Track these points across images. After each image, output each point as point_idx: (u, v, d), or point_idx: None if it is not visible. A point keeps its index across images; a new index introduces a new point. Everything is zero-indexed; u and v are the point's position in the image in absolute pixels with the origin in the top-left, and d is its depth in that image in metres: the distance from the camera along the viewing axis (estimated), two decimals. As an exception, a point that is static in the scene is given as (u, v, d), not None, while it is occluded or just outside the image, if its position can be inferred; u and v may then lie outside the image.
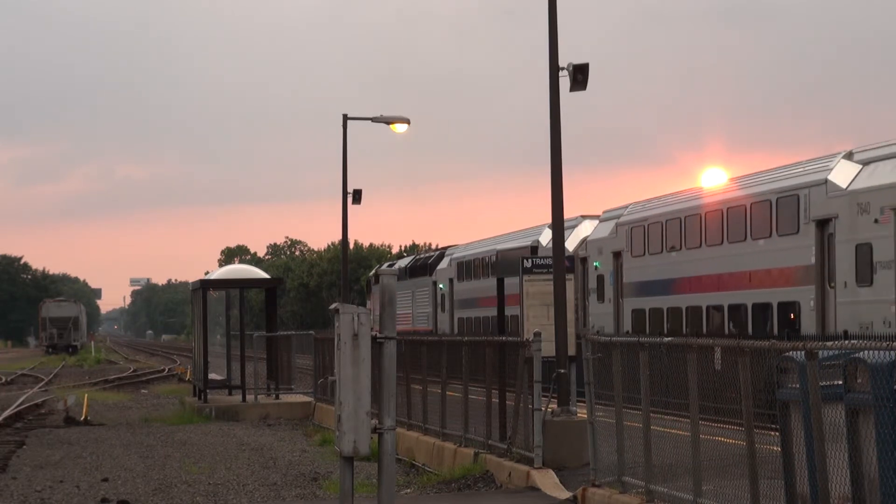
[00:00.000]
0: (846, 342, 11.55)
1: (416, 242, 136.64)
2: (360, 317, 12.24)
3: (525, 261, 23.12)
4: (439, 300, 58.38)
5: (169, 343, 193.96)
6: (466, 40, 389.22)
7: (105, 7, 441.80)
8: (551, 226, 22.23)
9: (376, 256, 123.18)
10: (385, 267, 72.69)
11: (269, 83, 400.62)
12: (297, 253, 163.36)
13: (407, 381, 26.70)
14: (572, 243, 39.03)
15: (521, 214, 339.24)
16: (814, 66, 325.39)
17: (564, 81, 21.43)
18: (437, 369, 24.96)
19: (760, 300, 29.72)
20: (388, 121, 42.64)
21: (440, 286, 58.29)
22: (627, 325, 36.41)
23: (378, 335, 12.26)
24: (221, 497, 21.17)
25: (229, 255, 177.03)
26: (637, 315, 36.28)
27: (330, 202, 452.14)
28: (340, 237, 47.65)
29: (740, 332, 28.57)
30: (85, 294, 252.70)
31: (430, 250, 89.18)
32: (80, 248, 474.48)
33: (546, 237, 41.73)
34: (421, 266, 62.12)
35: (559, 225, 21.88)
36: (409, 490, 21.47)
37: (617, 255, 37.92)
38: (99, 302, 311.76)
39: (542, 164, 22.14)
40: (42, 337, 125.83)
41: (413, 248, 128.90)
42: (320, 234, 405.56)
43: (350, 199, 45.49)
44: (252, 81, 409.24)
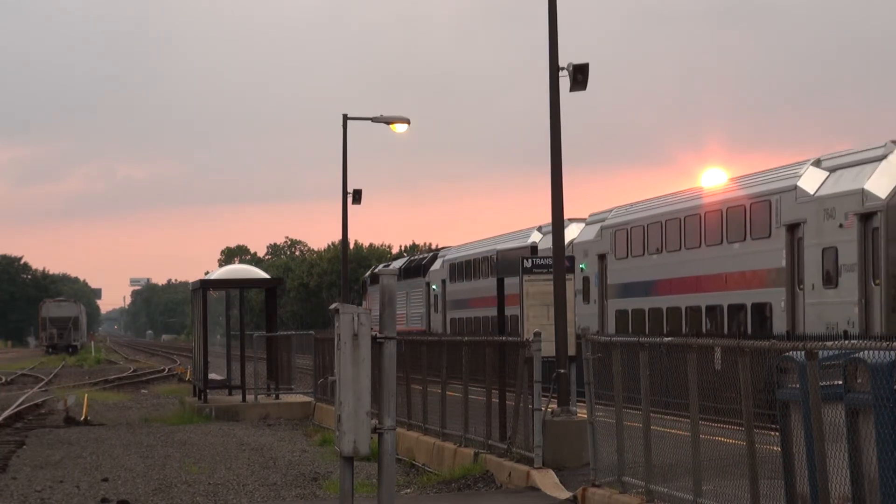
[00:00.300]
0: (846, 342, 11.56)
1: (416, 242, 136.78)
2: (360, 317, 12.24)
3: (525, 261, 23.12)
4: (432, 301, 59.31)
5: (169, 343, 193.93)
6: (466, 40, 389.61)
7: (105, 7, 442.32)
8: (551, 226, 22.22)
9: (376, 256, 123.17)
10: (380, 268, 73.30)
11: (269, 83, 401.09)
12: (297, 253, 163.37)
13: (407, 381, 26.70)
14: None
15: (521, 214, 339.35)
16: (814, 66, 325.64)
17: (564, 81, 21.44)
18: (437, 369, 24.97)
19: (735, 301, 30.75)
20: (388, 121, 42.65)
21: (433, 287, 59.21)
22: (612, 326, 37.06)
23: (378, 335, 12.26)
24: (221, 497, 21.17)
25: (229, 255, 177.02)
26: (620, 316, 37.12)
27: (330, 202, 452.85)
28: (340, 237, 47.69)
29: (717, 332, 29.64)
30: (85, 294, 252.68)
31: (430, 250, 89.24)
32: (80, 248, 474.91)
33: (536, 239, 43.55)
34: (415, 267, 62.76)
35: (559, 225, 21.88)
36: (409, 490, 21.47)
37: (602, 258, 38.80)
38: (99, 302, 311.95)
39: (542, 164, 22.15)
40: (42, 337, 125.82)
41: (413, 249, 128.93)
42: (320, 234, 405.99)
43: (350, 199, 45.50)
44: (252, 81, 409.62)
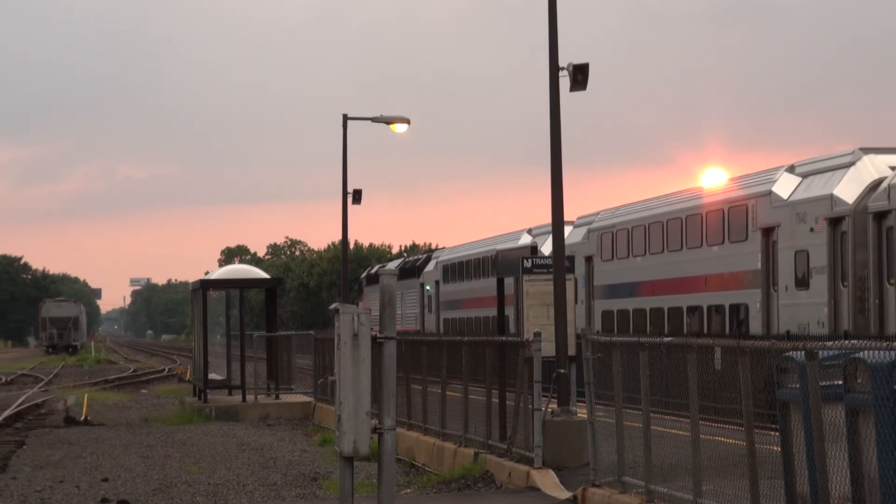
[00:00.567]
0: (846, 342, 11.56)
1: (416, 242, 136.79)
2: (360, 317, 12.25)
3: (525, 261, 23.12)
4: (426, 301, 60.32)
5: (169, 343, 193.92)
6: (466, 40, 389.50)
7: (105, 7, 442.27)
8: (551, 225, 22.21)
9: (376, 256, 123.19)
10: (377, 269, 74.02)
11: (269, 83, 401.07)
12: (297, 253, 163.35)
13: (407, 381, 26.70)
14: (548, 248, 39.88)
15: (521, 214, 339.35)
16: (814, 66, 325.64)
17: (564, 81, 21.43)
18: (437, 369, 24.96)
19: (715, 302, 31.91)
20: (388, 121, 42.66)
21: (427, 288, 60.26)
22: (598, 326, 37.98)
23: (378, 335, 12.26)
24: (221, 497, 21.17)
25: (229, 255, 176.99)
26: (606, 316, 37.99)
27: (330, 202, 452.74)
28: (340, 237, 47.70)
29: (697, 333, 30.38)
30: (85, 294, 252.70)
31: (430, 250, 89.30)
32: (80, 248, 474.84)
33: (526, 241, 44.47)
34: (409, 269, 63.55)
35: (559, 225, 21.88)
36: (409, 490, 21.47)
37: (589, 260, 39.63)
38: (99, 302, 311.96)
39: (542, 164, 22.15)
40: (42, 337, 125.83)
41: (413, 248, 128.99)
42: (320, 234, 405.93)
43: (350, 199, 45.51)
44: (252, 81, 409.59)
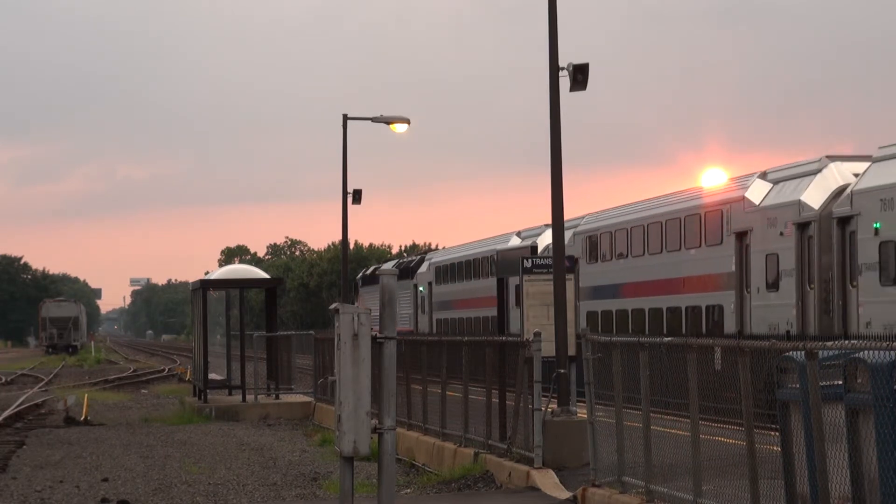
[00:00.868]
0: (846, 342, 11.56)
1: (416, 242, 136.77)
2: (360, 317, 12.24)
3: (525, 261, 23.12)
4: (419, 302, 61.53)
5: (169, 343, 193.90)
6: (466, 40, 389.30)
7: (105, 7, 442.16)
8: (551, 226, 22.22)
9: (376, 256, 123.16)
10: (371, 270, 74.57)
11: (269, 83, 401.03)
12: (297, 253, 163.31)
13: (407, 381, 26.70)
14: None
15: (521, 214, 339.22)
16: (814, 66, 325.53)
17: (564, 81, 21.43)
18: (437, 369, 24.96)
19: (692, 303, 33.14)
20: (388, 121, 42.65)
21: (420, 289, 61.46)
22: (583, 326, 38.54)
23: (378, 335, 12.26)
24: (221, 497, 21.17)
25: (229, 255, 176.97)
26: (591, 317, 39.16)
27: (330, 202, 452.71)
28: (340, 237, 47.70)
29: (676, 333, 31.24)
30: (85, 294, 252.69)
31: (430, 250, 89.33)
32: (80, 248, 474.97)
33: (514, 244, 46.61)
34: (403, 270, 64.89)
35: (559, 225, 21.87)
36: (409, 490, 21.47)
37: (575, 262, 39.80)
38: (99, 302, 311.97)
39: (542, 164, 22.14)
40: (42, 337, 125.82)
41: (413, 249, 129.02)
42: (320, 234, 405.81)
43: (350, 199, 45.51)
44: (252, 81, 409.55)
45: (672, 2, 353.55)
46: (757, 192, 30.09)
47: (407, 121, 42.93)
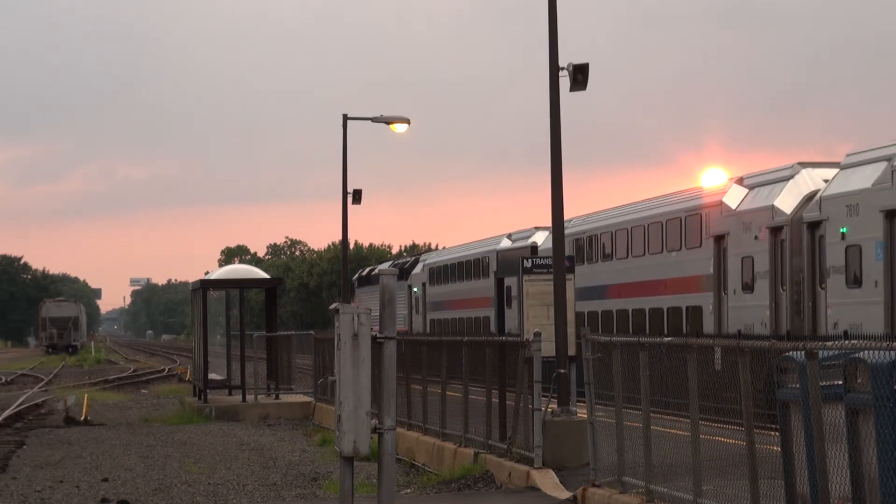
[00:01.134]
0: (846, 342, 11.55)
1: (416, 242, 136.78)
2: (360, 317, 12.24)
3: (525, 261, 23.12)
4: (413, 303, 62.34)
5: (169, 343, 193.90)
6: (466, 40, 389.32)
7: (105, 7, 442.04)
8: (551, 226, 22.23)
9: (376, 256, 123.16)
10: (367, 271, 75.38)
11: (269, 83, 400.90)
12: (297, 253, 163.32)
13: (407, 381, 26.70)
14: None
15: (521, 214, 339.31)
16: (813, 66, 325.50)
17: (564, 81, 21.43)
18: (437, 369, 24.96)
19: (673, 304, 34.00)
20: (388, 121, 42.66)
21: (414, 290, 62.30)
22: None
23: (378, 335, 12.26)
24: (221, 497, 21.17)
25: (229, 255, 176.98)
26: (578, 317, 39.70)
27: (330, 202, 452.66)
28: (340, 237, 47.72)
29: (658, 333, 31.78)
30: (85, 294, 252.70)
31: (430, 250, 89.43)
32: (80, 248, 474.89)
33: (504, 245, 48.55)
34: (398, 271, 64.56)
35: (559, 225, 21.88)
36: (409, 490, 21.47)
37: None
38: (99, 302, 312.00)
39: (542, 164, 22.14)
40: (42, 337, 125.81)
41: (413, 249, 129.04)
42: (320, 234, 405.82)
43: (350, 199, 45.52)
44: (252, 81, 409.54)
45: (672, 2, 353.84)
46: (734, 197, 31.00)
47: (407, 121, 42.93)
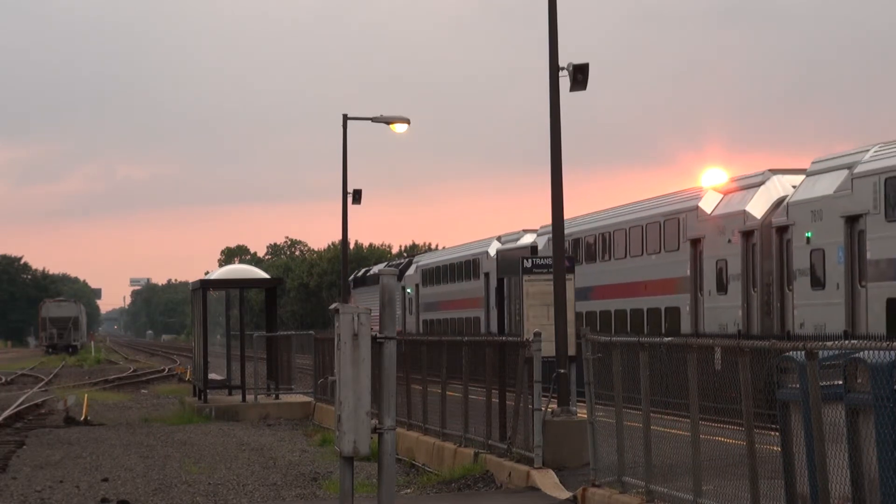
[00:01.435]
0: (846, 342, 11.56)
1: (416, 242, 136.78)
2: (360, 317, 12.24)
3: (525, 261, 23.12)
4: (407, 303, 63.24)
5: (169, 343, 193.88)
6: (466, 40, 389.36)
7: (105, 7, 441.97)
8: (551, 226, 22.22)
9: (376, 256, 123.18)
10: (362, 273, 75.85)
11: (269, 83, 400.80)
12: (297, 253, 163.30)
13: (407, 381, 26.69)
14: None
15: (521, 214, 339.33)
16: (814, 66, 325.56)
17: (564, 81, 21.42)
18: (437, 369, 24.96)
19: (653, 305, 35.21)
20: (388, 121, 42.65)
21: (408, 291, 63.28)
22: None
23: (378, 335, 12.26)
24: (221, 497, 21.17)
25: (229, 255, 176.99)
26: None
27: (330, 202, 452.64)
28: (340, 237, 47.71)
29: (639, 333, 32.60)
30: (85, 294, 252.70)
31: (429, 250, 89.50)
32: (80, 248, 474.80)
33: (494, 249, 50.07)
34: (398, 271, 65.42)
35: (559, 225, 21.87)
36: (409, 490, 21.47)
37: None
38: (99, 302, 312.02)
39: (542, 164, 22.14)
40: (42, 337, 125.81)
41: (413, 249, 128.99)
42: (320, 234, 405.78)
43: (350, 199, 45.52)
44: (252, 81, 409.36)
45: (672, 1, 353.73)
46: (709, 203, 32.40)
47: (407, 121, 42.93)
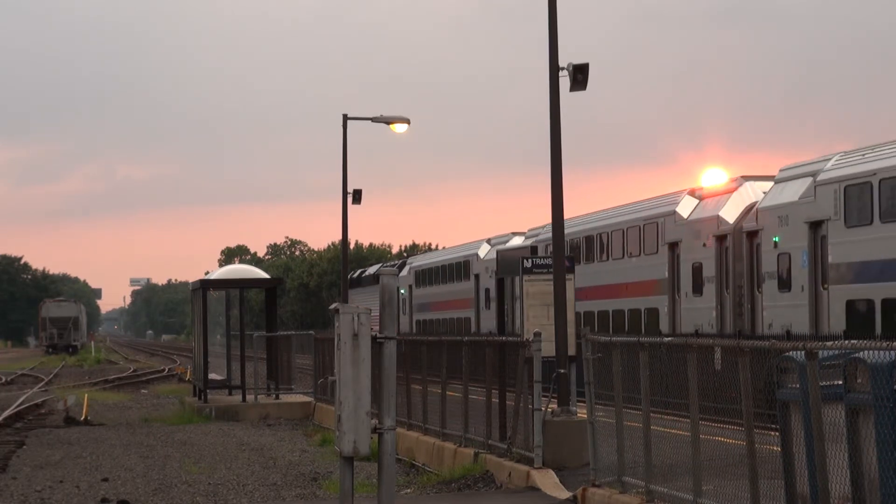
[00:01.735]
0: (846, 342, 11.55)
1: (416, 242, 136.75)
2: (360, 317, 12.24)
3: (525, 261, 23.12)
4: (401, 304, 64.53)
5: (169, 343, 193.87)
6: (466, 40, 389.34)
7: (106, 6, 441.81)
8: (551, 226, 22.22)
9: (376, 256, 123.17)
10: (357, 274, 76.34)
11: (270, 83, 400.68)
12: (297, 253, 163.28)
13: (407, 381, 26.69)
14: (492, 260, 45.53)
15: (522, 214, 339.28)
16: (814, 67, 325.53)
17: (564, 81, 21.42)
18: (437, 369, 24.96)
19: (634, 306, 36.58)
20: (388, 121, 42.66)
21: (401, 291, 64.32)
22: None
23: (378, 335, 12.26)
24: (221, 497, 21.17)
25: (229, 255, 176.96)
26: None
27: (330, 202, 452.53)
28: (340, 237, 47.72)
29: (619, 333, 33.37)
30: (85, 294, 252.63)
31: (429, 250, 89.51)
32: (80, 248, 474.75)
33: (483, 251, 52.10)
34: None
35: (559, 225, 21.87)
36: (409, 490, 21.47)
37: None
38: (99, 302, 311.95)
39: (542, 164, 22.14)
40: (42, 337, 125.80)
41: (413, 249, 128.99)
42: (320, 234, 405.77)
43: (350, 199, 45.53)
44: (252, 81, 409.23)
45: (672, 2, 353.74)
46: (686, 208, 33.77)
47: (407, 121, 42.93)
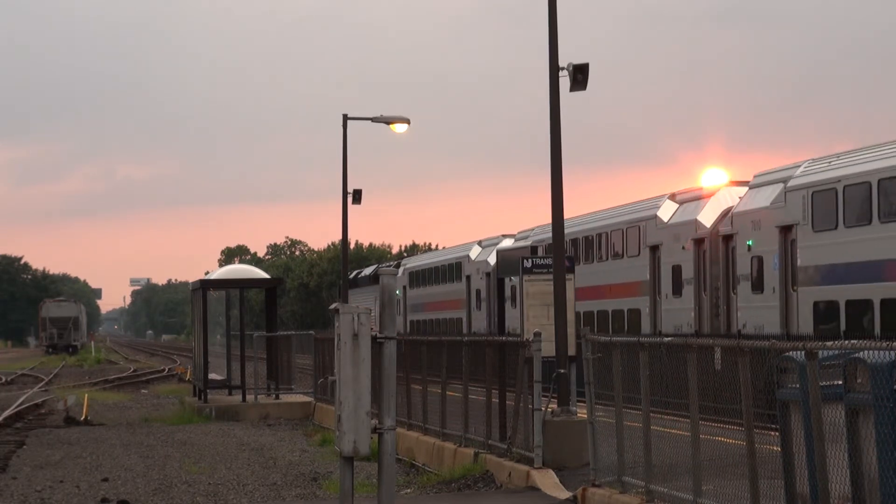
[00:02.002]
0: (846, 342, 11.55)
1: (416, 242, 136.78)
2: (360, 317, 12.25)
3: (525, 261, 23.12)
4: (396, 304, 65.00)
5: (169, 343, 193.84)
6: (466, 40, 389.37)
7: (106, 6, 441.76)
8: (551, 225, 22.21)
9: (376, 256, 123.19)
10: (353, 275, 76.81)
11: (270, 83, 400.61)
12: (297, 253, 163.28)
13: (407, 381, 26.70)
14: (493, 258, 45.73)
15: (522, 214, 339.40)
16: (814, 67, 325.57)
17: (564, 81, 21.41)
18: (437, 369, 24.96)
19: (617, 307, 37.75)
20: (388, 121, 42.67)
21: (396, 292, 63.98)
22: None
23: (378, 335, 12.26)
24: (221, 497, 21.18)
25: (229, 255, 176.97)
26: None
27: (330, 202, 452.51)
28: (340, 237, 47.76)
29: (605, 334, 34.21)
30: (85, 294, 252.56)
31: (429, 250, 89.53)
32: (80, 248, 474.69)
33: (475, 253, 53.92)
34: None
35: (559, 225, 21.87)
36: (409, 490, 21.48)
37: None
38: (99, 302, 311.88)
39: (542, 164, 22.14)
40: (42, 337, 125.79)
41: (413, 249, 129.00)
42: (320, 234, 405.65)
43: (350, 199, 45.55)
44: (252, 81, 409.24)
45: (672, 2, 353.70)
46: (666, 212, 34.79)
47: (407, 121, 42.95)
